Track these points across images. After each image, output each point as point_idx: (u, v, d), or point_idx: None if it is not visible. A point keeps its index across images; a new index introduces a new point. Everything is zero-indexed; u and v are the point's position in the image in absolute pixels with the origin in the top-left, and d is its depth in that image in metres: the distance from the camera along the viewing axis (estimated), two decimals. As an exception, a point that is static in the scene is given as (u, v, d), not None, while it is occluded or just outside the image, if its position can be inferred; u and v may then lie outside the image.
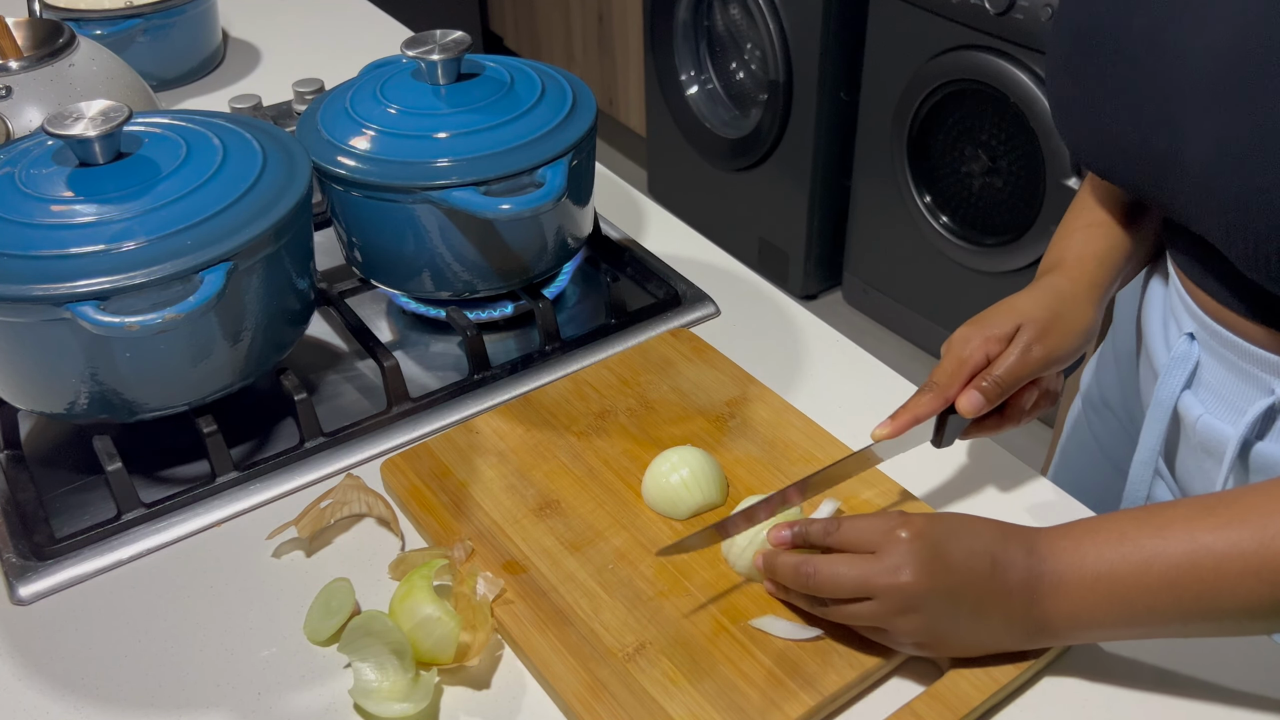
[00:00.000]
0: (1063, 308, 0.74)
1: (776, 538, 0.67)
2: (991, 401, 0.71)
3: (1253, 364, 0.70)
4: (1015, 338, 0.72)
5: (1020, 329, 0.72)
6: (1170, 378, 0.75)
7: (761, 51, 2.36)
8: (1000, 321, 0.73)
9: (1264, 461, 0.71)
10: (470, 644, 0.66)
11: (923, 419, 0.71)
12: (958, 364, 0.72)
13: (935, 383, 0.72)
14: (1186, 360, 0.74)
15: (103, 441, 0.78)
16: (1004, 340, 0.72)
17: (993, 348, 0.72)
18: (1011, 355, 0.71)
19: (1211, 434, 0.73)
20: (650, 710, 0.62)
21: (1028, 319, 0.72)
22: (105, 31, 1.29)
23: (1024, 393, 0.74)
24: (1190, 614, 0.58)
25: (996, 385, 0.71)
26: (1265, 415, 0.70)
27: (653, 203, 1.14)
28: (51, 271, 0.70)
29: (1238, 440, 0.70)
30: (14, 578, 0.73)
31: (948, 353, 0.73)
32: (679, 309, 0.97)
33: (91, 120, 0.76)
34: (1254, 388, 0.70)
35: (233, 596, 0.73)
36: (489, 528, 0.74)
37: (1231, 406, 0.72)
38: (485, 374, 0.90)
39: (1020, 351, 0.71)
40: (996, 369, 0.71)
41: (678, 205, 2.74)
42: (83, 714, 0.66)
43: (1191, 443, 0.76)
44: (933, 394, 0.71)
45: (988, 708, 0.64)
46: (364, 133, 0.87)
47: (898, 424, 0.71)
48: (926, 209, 2.15)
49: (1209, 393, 0.74)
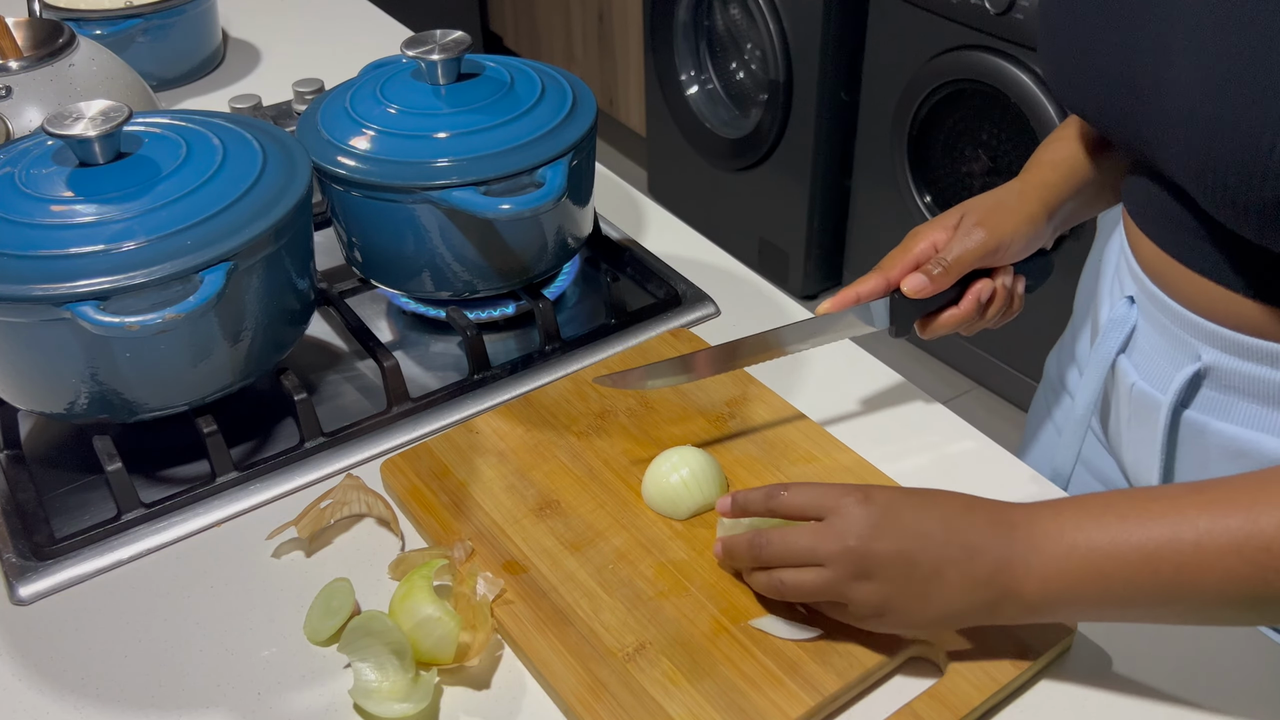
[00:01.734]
0: (1007, 196, 0.78)
1: (720, 506, 0.67)
2: (936, 284, 0.75)
3: (1183, 328, 0.70)
4: (960, 225, 0.77)
5: (964, 216, 0.77)
6: (1108, 339, 0.77)
7: (761, 51, 2.36)
8: (947, 216, 0.78)
9: (1194, 430, 0.72)
10: (470, 644, 0.66)
11: (865, 297, 0.76)
12: (904, 251, 0.77)
13: (880, 267, 0.77)
14: (1124, 323, 0.76)
15: (103, 441, 0.78)
16: (950, 229, 0.77)
17: (940, 236, 0.77)
18: (955, 239, 0.76)
19: (1144, 399, 0.74)
20: (650, 710, 0.62)
21: (971, 207, 0.78)
22: (105, 31, 1.29)
23: (979, 285, 0.77)
24: (1169, 592, 0.56)
25: (941, 265, 0.75)
26: (1191, 382, 0.70)
27: (653, 203, 1.14)
28: (51, 271, 0.70)
29: (1168, 407, 0.71)
30: (14, 578, 0.73)
31: (900, 245, 0.78)
32: (679, 309, 0.97)
33: (91, 120, 0.76)
34: (1182, 354, 0.71)
35: (233, 596, 0.73)
36: (489, 528, 0.74)
37: (1162, 372, 0.73)
38: (485, 374, 0.90)
39: (962, 234, 0.76)
40: (944, 253, 0.76)
41: (678, 205, 2.74)
42: (83, 714, 0.66)
43: (1125, 407, 0.77)
44: (877, 275, 0.76)
45: (988, 708, 0.64)
46: (364, 133, 0.87)
47: (839, 299, 0.76)
48: (926, 209, 2.15)
49: (1143, 357, 0.75)
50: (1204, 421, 0.71)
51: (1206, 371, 0.70)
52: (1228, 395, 0.69)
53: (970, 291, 0.77)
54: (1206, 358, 0.69)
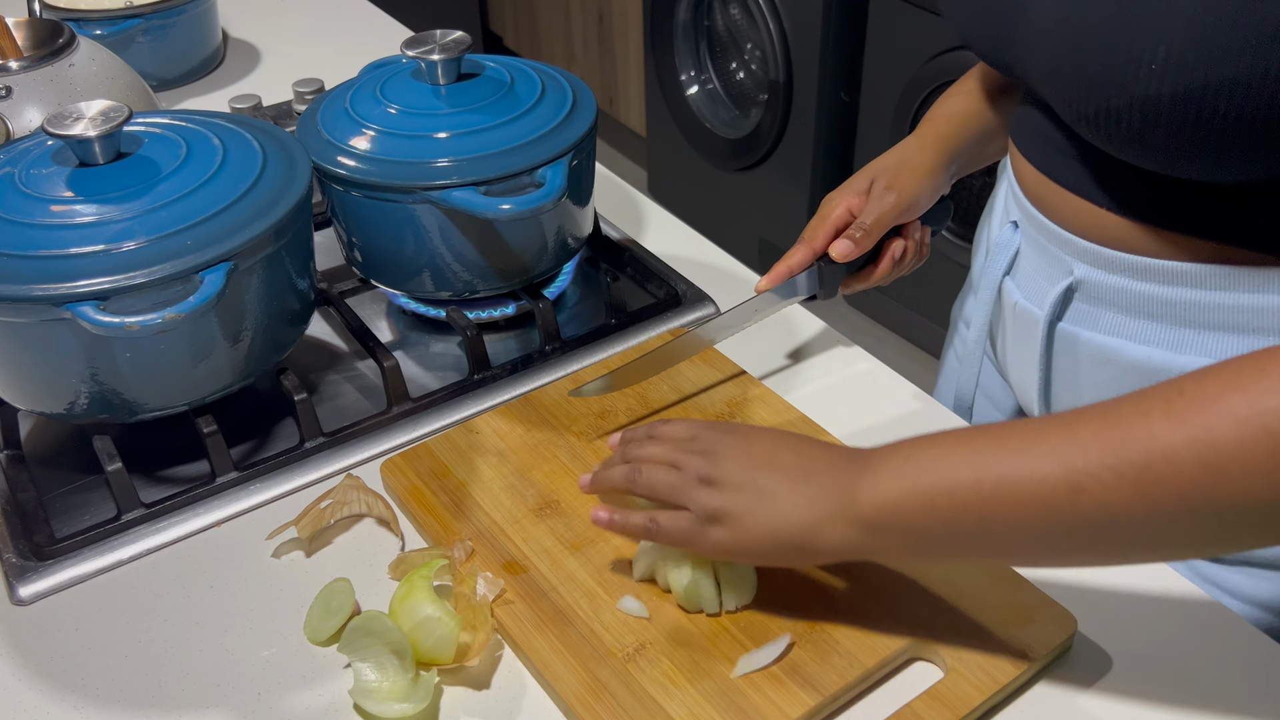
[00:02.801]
0: (907, 155, 0.86)
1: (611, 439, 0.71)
2: (860, 246, 0.82)
3: (1058, 246, 0.75)
4: (871, 190, 0.84)
5: (874, 181, 0.85)
6: (994, 262, 0.82)
7: (762, 51, 2.36)
8: (857, 181, 0.86)
9: (1067, 341, 0.76)
10: (470, 644, 0.66)
11: (797, 270, 0.83)
12: (824, 220, 0.84)
13: (804, 238, 0.84)
14: (1009, 247, 0.81)
15: (103, 441, 0.78)
16: (863, 194, 0.85)
17: (854, 201, 0.84)
18: (870, 203, 0.84)
19: (1025, 315, 0.79)
20: (650, 710, 0.62)
21: (878, 171, 0.85)
22: (105, 31, 1.29)
23: (892, 243, 0.85)
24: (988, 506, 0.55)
25: (863, 231, 0.83)
26: (1064, 295, 0.75)
27: (653, 203, 1.14)
28: (51, 271, 0.70)
29: (1045, 321, 0.76)
30: (14, 578, 0.73)
31: (816, 214, 0.85)
32: (679, 309, 0.97)
33: (91, 120, 0.76)
34: (1057, 270, 0.75)
35: (233, 596, 0.73)
36: (489, 528, 0.74)
37: (1040, 289, 0.78)
38: (485, 374, 0.90)
39: (876, 198, 0.84)
40: (862, 218, 0.83)
41: (678, 205, 2.74)
42: (83, 714, 0.66)
43: (1010, 327, 0.82)
44: (803, 247, 0.84)
45: (988, 708, 0.64)
46: (364, 133, 0.87)
47: (773, 275, 0.83)
48: (926, 209, 2.15)
49: (1024, 277, 0.80)
50: (1075, 332, 0.76)
51: (1078, 285, 0.74)
52: (1096, 307, 0.74)
53: (886, 249, 0.86)
54: (1078, 272, 0.74)
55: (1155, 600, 0.70)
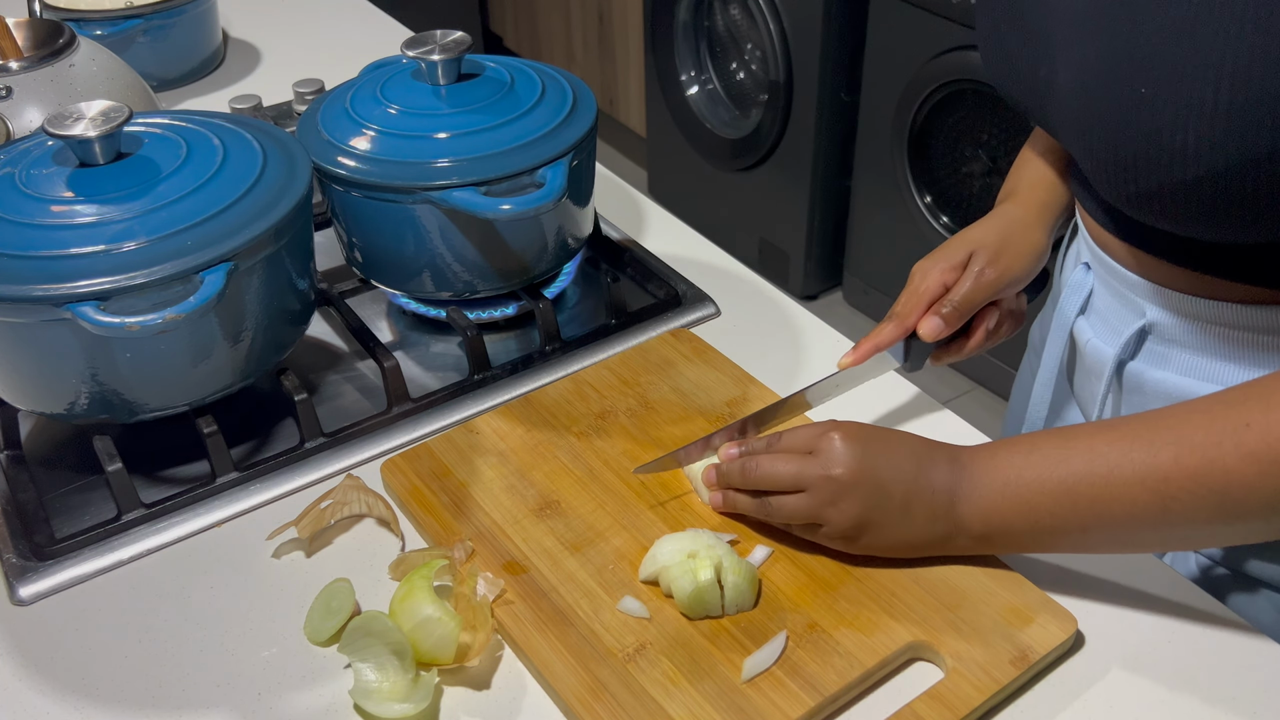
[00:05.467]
0: (1012, 232, 0.80)
1: (725, 454, 0.74)
2: (950, 324, 0.78)
3: (1129, 288, 0.75)
4: (969, 264, 0.79)
5: (973, 256, 0.79)
6: (1067, 303, 0.82)
7: (762, 51, 2.36)
8: (954, 252, 0.79)
9: (1134, 380, 0.77)
10: (470, 644, 0.66)
11: (884, 347, 0.79)
12: (915, 294, 0.79)
13: (896, 313, 0.79)
14: (1081, 288, 0.80)
15: (103, 442, 0.78)
16: (959, 268, 0.79)
17: (949, 276, 0.79)
18: (966, 280, 0.78)
19: (1096, 355, 0.79)
20: (650, 710, 0.62)
21: (979, 246, 0.79)
22: (105, 32, 1.29)
23: (986, 314, 0.81)
24: (1086, 520, 0.63)
25: (954, 309, 0.78)
26: (1137, 336, 0.76)
27: (653, 203, 1.14)
28: (52, 272, 0.70)
29: (1114, 360, 0.76)
30: (14, 578, 0.73)
31: (908, 284, 0.80)
32: (679, 309, 0.97)
33: (91, 120, 0.76)
34: (1130, 311, 0.76)
35: (233, 596, 0.73)
36: (489, 528, 0.74)
37: (1112, 329, 0.78)
38: (485, 374, 0.90)
39: (974, 276, 0.78)
40: (954, 294, 0.78)
41: (678, 205, 2.74)
42: (83, 714, 0.66)
43: (1084, 365, 0.82)
44: (894, 323, 0.79)
45: (988, 708, 0.64)
46: (364, 133, 0.87)
47: (860, 352, 0.78)
48: (927, 209, 2.15)
49: (1098, 318, 0.80)
50: (1142, 370, 0.76)
51: (1151, 327, 0.75)
52: (1169, 347, 0.74)
53: (979, 323, 0.81)
54: (1151, 314, 0.74)
55: (1155, 600, 0.70)
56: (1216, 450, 0.59)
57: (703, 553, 0.67)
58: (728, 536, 0.72)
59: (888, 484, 0.66)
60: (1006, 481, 0.65)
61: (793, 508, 0.69)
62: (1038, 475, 0.64)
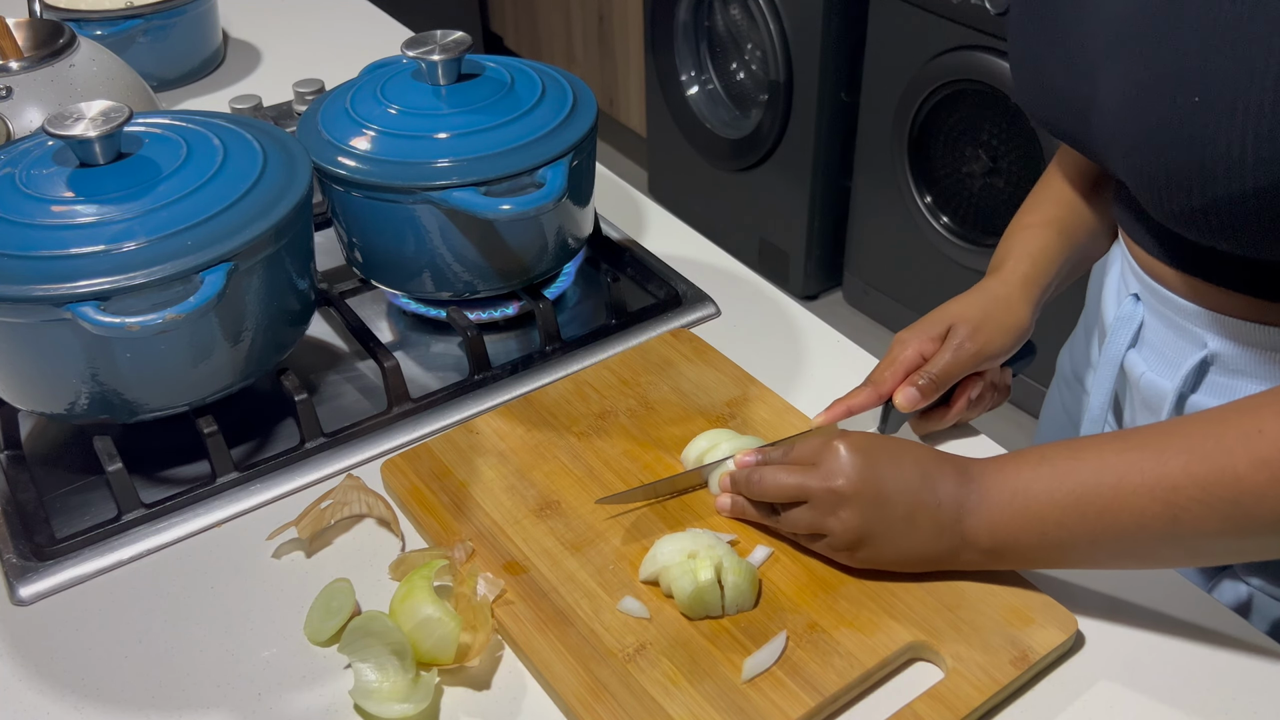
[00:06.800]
0: (994, 308, 0.79)
1: (741, 461, 0.74)
2: (926, 395, 0.77)
3: (1186, 319, 0.73)
4: (948, 337, 0.78)
5: (952, 328, 0.78)
6: (1116, 337, 0.80)
7: (762, 52, 2.36)
8: (934, 324, 0.79)
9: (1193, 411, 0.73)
10: (470, 644, 0.66)
11: (856, 411, 0.78)
12: (894, 363, 0.78)
13: (873, 379, 0.79)
14: (1131, 320, 0.79)
15: (103, 442, 0.78)
16: (938, 340, 0.79)
17: (927, 347, 0.79)
18: (945, 353, 0.78)
19: (1153, 389, 0.77)
20: (650, 710, 0.62)
21: (960, 319, 0.78)
22: (105, 32, 1.29)
23: (969, 385, 0.80)
24: (1095, 532, 0.62)
25: (930, 380, 0.77)
26: (1198, 368, 0.74)
27: (653, 203, 1.14)
28: (52, 272, 0.70)
29: (1174, 393, 0.75)
30: (14, 578, 0.73)
31: (888, 353, 0.80)
32: (679, 309, 0.97)
33: (92, 121, 0.76)
34: (1189, 343, 0.74)
35: (233, 597, 0.73)
36: (489, 528, 0.74)
37: (1169, 362, 0.76)
38: (486, 374, 0.90)
39: (953, 349, 0.78)
40: (931, 366, 0.77)
41: (678, 205, 2.75)
42: (83, 714, 0.66)
43: (1137, 400, 0.80)
44: (869, 389, 0.78)
45: (988, 708, 0.64)
46: (364, 133, 0.87)
47: (833, 413, 0.78)
48: (927, 209, 2.15)
49: (1151, 350, 0.78)
50: (1206, 404, 0.73)
51: (1213, 358, 0.73)
52: (1234, 379, 0.72)
53: (960, 394, 0.80)
54: (1212, 345, 0.72)
55: (1155, 601, 0.70)
56: (1227, 458, 0.58)
57: (703, 553, 0.68)
58: (728, 536, 0.72)
59: (891, 495, 0.66)
60: (1015, 493, 0.64)
61: (796, 519, 0.69)
62: (1047, 486, 0.63)
